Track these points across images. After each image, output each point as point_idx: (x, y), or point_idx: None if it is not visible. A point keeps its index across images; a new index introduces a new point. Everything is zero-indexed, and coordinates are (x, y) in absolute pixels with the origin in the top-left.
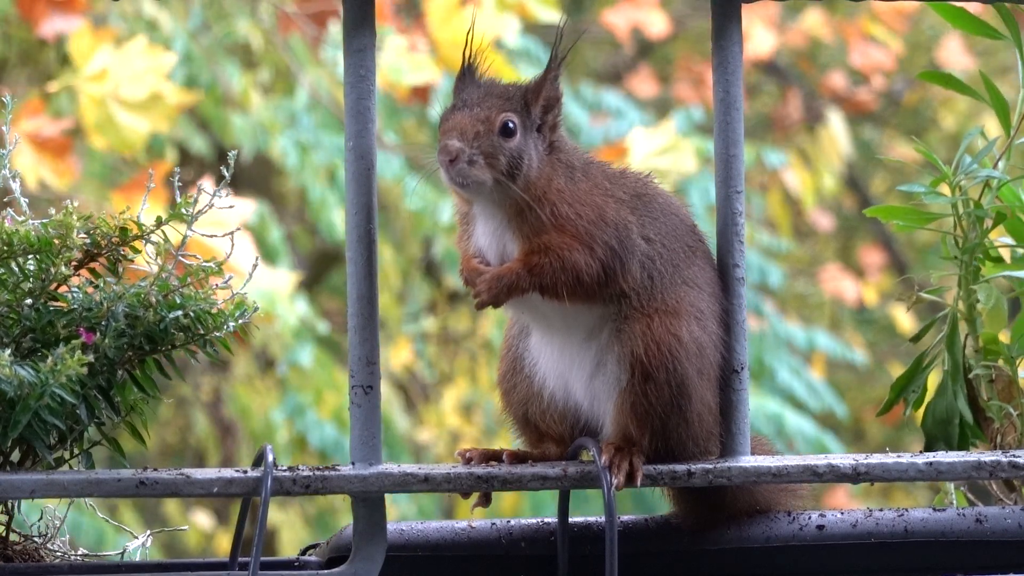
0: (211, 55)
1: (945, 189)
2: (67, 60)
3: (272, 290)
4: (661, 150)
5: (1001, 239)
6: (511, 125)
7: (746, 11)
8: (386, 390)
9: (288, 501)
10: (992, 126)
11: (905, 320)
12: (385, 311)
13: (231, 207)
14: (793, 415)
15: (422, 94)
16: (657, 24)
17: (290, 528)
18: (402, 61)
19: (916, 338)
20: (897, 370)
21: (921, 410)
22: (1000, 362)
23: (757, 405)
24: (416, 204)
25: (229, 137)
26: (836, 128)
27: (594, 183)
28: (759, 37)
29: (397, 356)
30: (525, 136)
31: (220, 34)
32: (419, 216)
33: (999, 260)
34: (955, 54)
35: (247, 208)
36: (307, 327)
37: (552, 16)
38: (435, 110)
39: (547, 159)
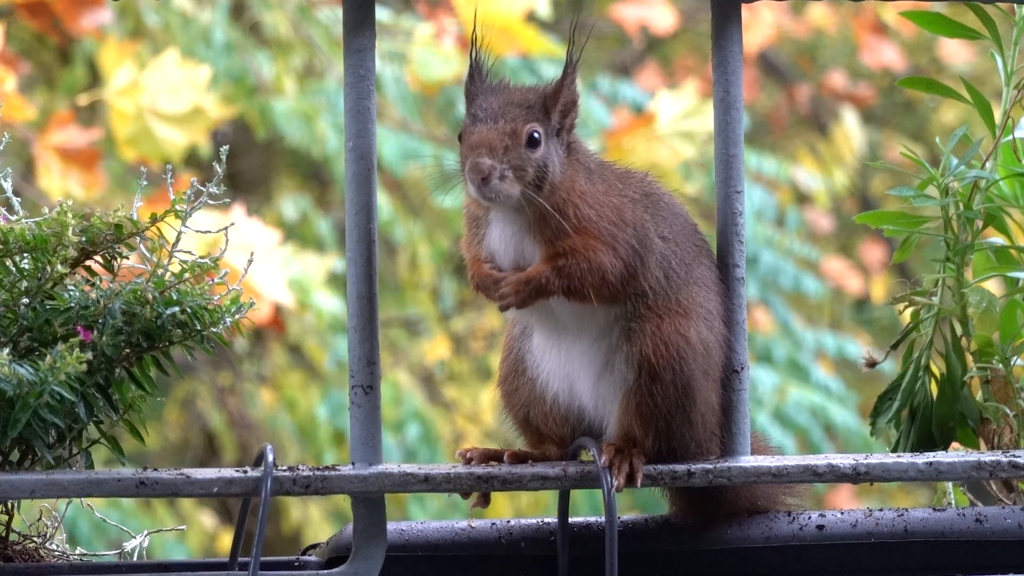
0: (240, 45)
1: (934, 191)
2: (96, 74)
3: (303, 278)
4: (684, 114)
5: (991, 239)
6: (536, 136)
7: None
8: (408, 384)
9: (310, 499)
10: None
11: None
12: (422, 307)
13: (227, 201)
14: (838, 408)
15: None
16: (664, 20)
17: (314, 527)
18: (430, 56)
19: (895, 345)
20: None
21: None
22: (995, 362)
23: (800, 397)
24: (448, 203)
25: (267, 125)
26: (850, 125)
27: (608, 184)
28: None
29: (433, 352)
30: (548, 143)
31: (247, 23)
32: (451, 214)
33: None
34: (955, 51)
35: (271, 237)
36: (340, 322)
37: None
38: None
39: (567, 161)
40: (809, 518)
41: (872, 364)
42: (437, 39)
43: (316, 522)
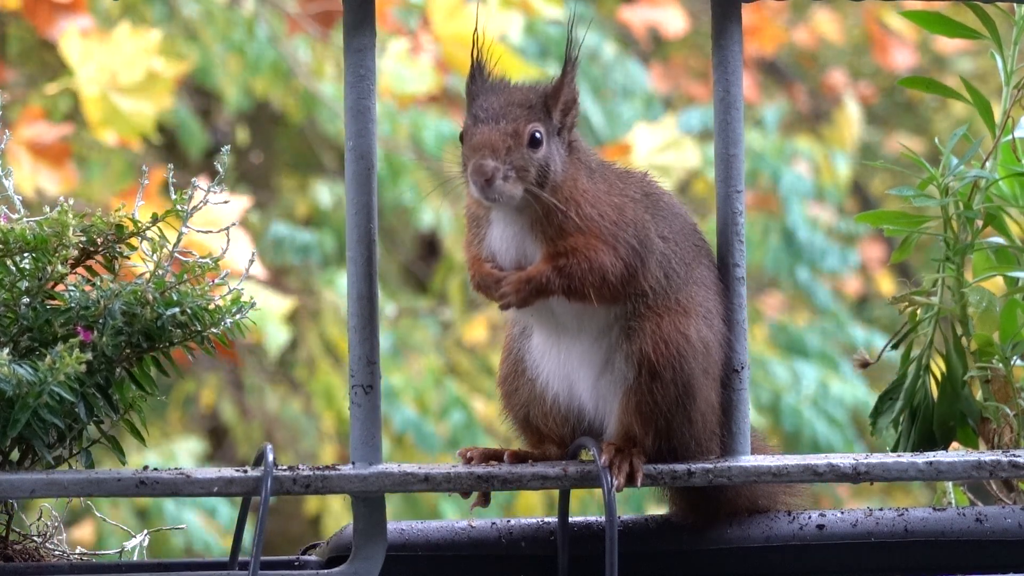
0: (276, 31)
1: (934, 191)
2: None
3: (262, 311)
4: (663, 146)
5: (991, 239)
6: (538, 135)
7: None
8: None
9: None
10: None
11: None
12: (454, 294)
13: (226, 202)
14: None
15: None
16: (675, 22)
17: (335, 516)
18: (404, 69)
19: (896, 345)
20: None
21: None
22: (995, 362)
23: (841, 390)
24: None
25: (308, 110)
26: (852, 111)
27: (610, 183)
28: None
29: (471, 333)
30: (549, 143)
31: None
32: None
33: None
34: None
35: (240, 205)
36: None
37: (556, 12)
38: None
39: (568, 160)
40: (809, 518)
41: (864, 364)
42: (413, 54)
43: (336, 512)
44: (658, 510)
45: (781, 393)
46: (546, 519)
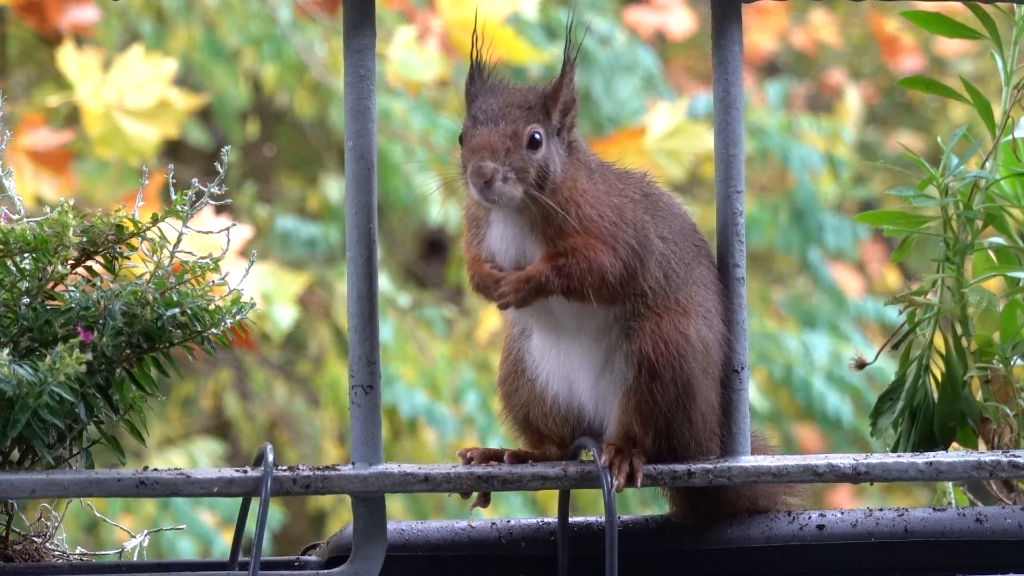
0: (287, 28)
1: (934, 191)
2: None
3: (270, 290)
4: (669, 132)
5: (991, 239)
6: (537, 136)
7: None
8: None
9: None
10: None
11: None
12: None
13: (228, 201)
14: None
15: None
16: (681, 23)
17: (348, 509)
18: (411, 56)
19: (896, 345)
20: None
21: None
22: (995, 362)
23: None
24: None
25: (320, 104)
26: (851, 100)
27: (609, 184)
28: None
29: (487, 320)
30: (549, 144)
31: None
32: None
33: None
34: (951, 47)
35: (242, 232)
36: (386, 300)
37: None
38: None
39: (568, 160)
40: (809, 518)
41: (861, 365)
42: (421, 40)
43: (348, 504)
44: (651, 511)
45: (793, 366)
46: (546, 519)
